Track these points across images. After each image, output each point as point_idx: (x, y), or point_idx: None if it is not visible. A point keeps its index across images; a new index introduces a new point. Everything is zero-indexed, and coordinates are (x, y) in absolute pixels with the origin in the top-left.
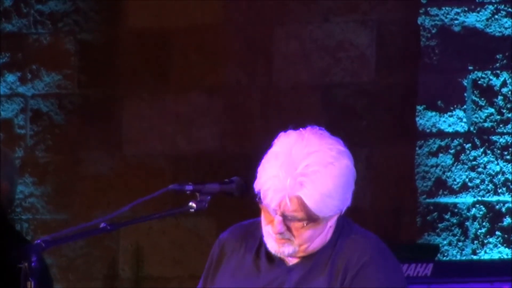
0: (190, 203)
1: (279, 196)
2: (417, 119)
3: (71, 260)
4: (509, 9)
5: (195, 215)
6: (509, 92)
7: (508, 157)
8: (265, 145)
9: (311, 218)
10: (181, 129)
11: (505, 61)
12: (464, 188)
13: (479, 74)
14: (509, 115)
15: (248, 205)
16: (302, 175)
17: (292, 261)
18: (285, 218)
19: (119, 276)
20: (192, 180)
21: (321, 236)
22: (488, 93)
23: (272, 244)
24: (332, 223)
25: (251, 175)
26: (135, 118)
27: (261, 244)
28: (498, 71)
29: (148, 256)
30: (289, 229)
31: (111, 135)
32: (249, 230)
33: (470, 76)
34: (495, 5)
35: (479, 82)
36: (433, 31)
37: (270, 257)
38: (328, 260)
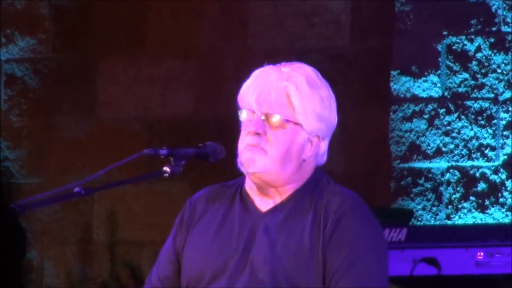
0: (165, 168)
1: (262, 87)
2: (391, 84)
3: (46, 224)
4: None
5: (169, 180)
6: (484, 57)
7: (482, 122)
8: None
9: (289, 117)
10: (156, 94)
11: (479, 26)
12: (438, 153)
13: (454, 39)
14: (484, 80)
15: (223, 170)
16: (288, 75)
17: (265, 208)
18: (265, 118)
19: (94, 241)
20: (167, 145)
21: (292, 158)
22: (463, 58)
23: (247, 154)
24: (303, 145)
25: (225, 140)
26: (109, 83)
27: (234, 198)
28: (473, 36)
29: (122, 220)
30: (265, 134)
31: (86, 99)
32: (222, 190)
33: (445, 41)
34: None
35: (454, 47)
36: None
37: (243, 207)
38: (309, 207)
